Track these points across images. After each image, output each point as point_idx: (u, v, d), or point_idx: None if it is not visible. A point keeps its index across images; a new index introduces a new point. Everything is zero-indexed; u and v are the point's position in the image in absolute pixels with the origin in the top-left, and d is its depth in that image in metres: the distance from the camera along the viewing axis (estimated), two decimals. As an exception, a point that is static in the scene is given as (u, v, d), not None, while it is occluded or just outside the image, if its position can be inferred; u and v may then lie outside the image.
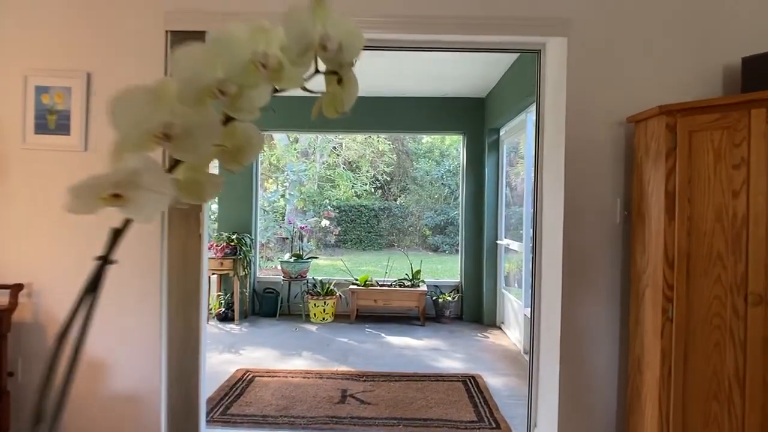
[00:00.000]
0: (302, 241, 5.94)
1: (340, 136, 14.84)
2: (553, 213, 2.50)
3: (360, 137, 15.34)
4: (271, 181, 13.72)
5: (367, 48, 2.53)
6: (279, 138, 14.18)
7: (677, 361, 1.86)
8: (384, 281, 5.94)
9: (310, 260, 5.94)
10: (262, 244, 10.35)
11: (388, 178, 16.54)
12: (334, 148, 14.98)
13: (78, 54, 2.33)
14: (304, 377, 3.75)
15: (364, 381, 3.67)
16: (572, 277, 2.35)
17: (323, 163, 14.66)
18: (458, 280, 6.07)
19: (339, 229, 15.35)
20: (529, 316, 4.47)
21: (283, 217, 14.37)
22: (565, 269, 2.35)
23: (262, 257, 10.74)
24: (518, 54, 4.27)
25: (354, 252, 15.03)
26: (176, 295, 2.27)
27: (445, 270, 11.52)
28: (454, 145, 17.92)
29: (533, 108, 4.43)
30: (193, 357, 2.29)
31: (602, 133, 2.36)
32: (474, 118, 5.84)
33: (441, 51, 2.74)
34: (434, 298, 5.76)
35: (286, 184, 11.32)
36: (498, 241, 5.57)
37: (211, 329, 5.37)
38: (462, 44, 2.65)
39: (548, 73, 2.62)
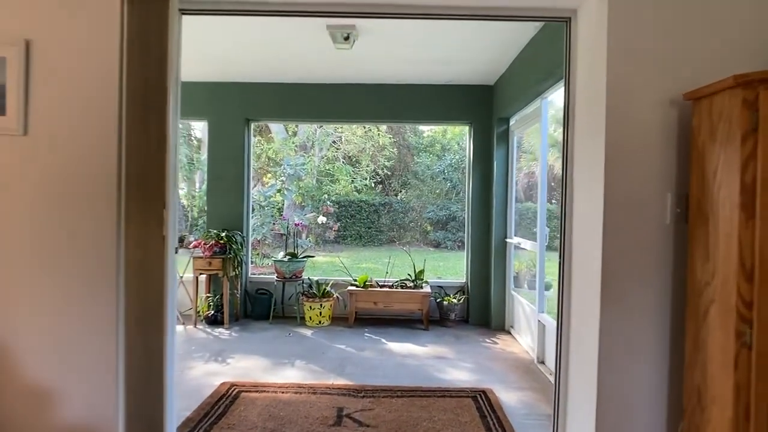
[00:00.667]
0: (298, 239, 5.55)
1: (340, 129, 14.42)
2: (587, 211, 2.10)
3: (360, 131, 14.92)
4: (269, 175, 13.32)
5: (365, 15, 2.10)
6: (276, 131, 13.77)
7: (759, 400, 1.47)
8: (384, 282, 5.56)
9: (305, 259, 5.54)
10: (258, 241, 9.97)
11: (389, 173, 16.12)
12: (334, 142, 14.56)
13: (13, 17, 1.92)
14: (296, 392, 3.36)
15: (363, 397, 3.29)
16: (610, 286, 1.96)
17: (322, 158, 14.25)
18: (464, 280, 5.68)
19: (338, 224, 14.98)
20: (543, 322, 4.11)
21: (281, 212, 14.00)
22: (603, 277, 1.95)
23: (257, 254, 10.34)
24: (533, 34, 3.86)
25: (354, 248, 14.64)
26: (136, 311, 1.88)
27: (447, 267, 11.14)
28: (455, 139, 17.49)
29: (551, 93, 4.07)
30: (156, 384, 1.90)
31: (650, 115, 1.96)
32: (481, 106, 5.43)
33: (450, 18, 2.32)
34: (438, 299, 5.37)
35: (283, 178, 10.90)
36: (507, 239, 5.17)
37: (198, 334, 4.99)
38: (475, 10, 2.24)
39: (580, 45, 2.21)
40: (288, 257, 5.41)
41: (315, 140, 13.66)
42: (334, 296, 5.40)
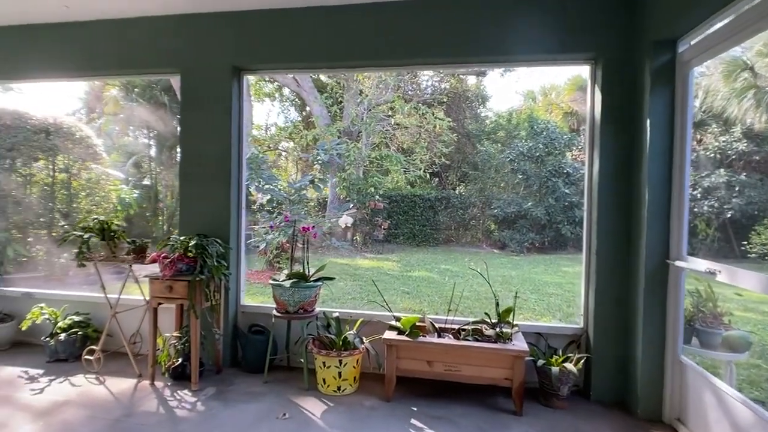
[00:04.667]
0: (304, 251, 3.55)
1: (390, 110, 12.33)
2: None
3: (414, 118, 12.74)
4: (315, 166, 11.47)
5: None
6: (318, 114, 11.93)
7: None
8: (446, 323, 3.43)
9: (319, 283, 3.52)
10: (284, 245, 7.98)
11: (447, 162, 13.82)
12: (383, 127, 12.45)
13: None
14: None
15: None
16: None
17: (370, 145, 12.23)
18: (580, 325, 3.42)
19: (389, 222, 12.95)
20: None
21: (323, 207, 12.19)
22: None
23: (279, 262, 8.00)
24: None
25: (406, 249, 12.54)
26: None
27: (522, 278, 8.76)
28: (522, 125, 14.86)
29: None
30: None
31: None
32: (616, 25, 3.15)
33: None
34: (537, 360, 3.17)
35: (316, 166, 8.96)
36: (674, 261, 2.86)
37: (145, 400, 3.12)
38: None
39: None
40: (291, 281, 3.40)
41: (361, 125, 11.66)
42: (363, 348, 3.34)
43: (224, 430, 2.77)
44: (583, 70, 3.68)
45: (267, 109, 18.51)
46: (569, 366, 3.00)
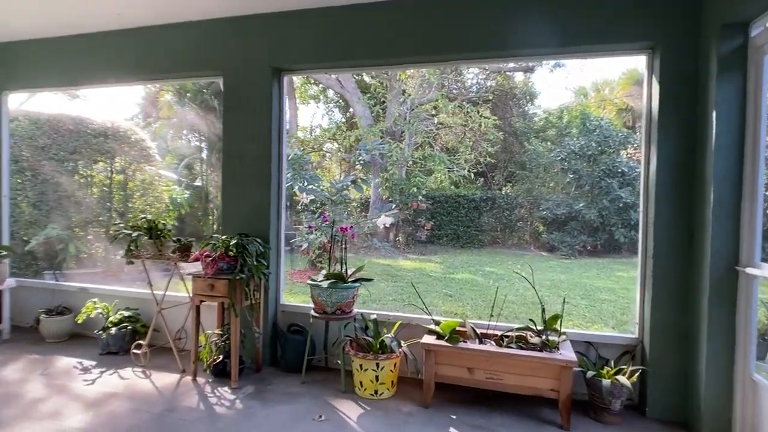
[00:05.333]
0: (342, 251, 3.51)
1: (433, 109, 12.18)
2: None
3: (458, 116, 12.52)
4: (357, 166, 11.52)
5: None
6: (360, 114, 11.97)
7: None
8: (488, 329, 3.28)
9: (357, 284, 3.46)
10: (325, 245, 8.00)
11: (493, 161, 13.46)
12: (427, 127, 12.30)
13: None
14: None
15: None
16: None
17: (413, 145, 12.10)
18: (635, 335, 3.17)
19: (432, 223, 12.77)
20: None
21: (366, 208, 12.19)
22: None
23: (320, 262, 8.05)
24: None
25: (449, 250, 12.31)
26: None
27: (572, 283, 8.36)
28: (574, 122, 14.22)
29: None
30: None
31: None
32: (677, 10, 2.89)
33: None
34: (586, 370, 2.97)
35: (358, 166, 8.95)
36: (744, 268, 2.57)
37: (186, 396, 3.18)
38: None
39: None
40: (329, 281, 3.37)
41: (404, 124, 11.57)
42: (401, 352, 3.25)
43: (261, 430, 2.77)
44: (639, 62, 3.42)
45: (312, 111, 18.84)
46: (622, 379, 2.78)
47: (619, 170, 11.57)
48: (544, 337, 2.99)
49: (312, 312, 3.49)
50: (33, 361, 3.81)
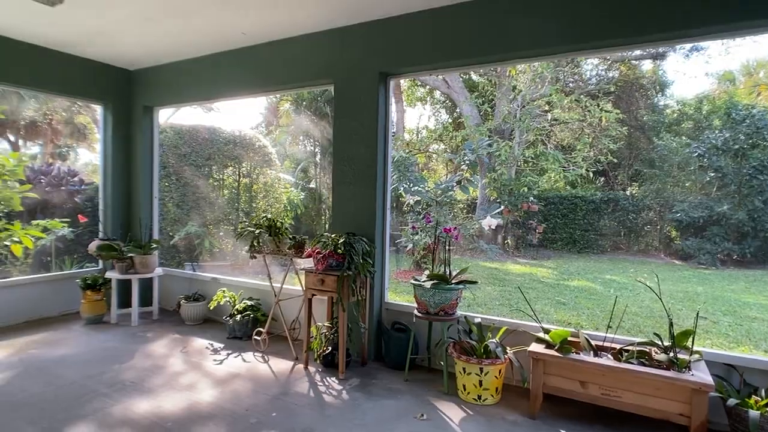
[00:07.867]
0: (446, 253, 3.47)
1: (546, 104, 11.50)
2: None
3: (575, 112, 11.65)
4: (462, 167, 11.42)
5: None
6: (467, 114, 11.78)
7: None
8: (605, 340, 3.00)
9: (461, 286, 3.40)
10: (430, 246, 8.08)
11: (615, 159, 12.31)
12: (539, 124, 11.67)
13: None
14: None
15: None
16: None
17: (524, 143, 11.56)
18: (794, 360, 2.66)
19: (544, 226, 12.06)
20: None
21: (473, 209, 11.95)
22: None
23: (425, 262, 8.25)
24: None
25: (563, 256, 11.51)
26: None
27: (711, 296, 7.28)
28: (717, 112, 12.32)
29: None
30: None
31: None
32: None
33: None
34: (726, 397, 2.56)
35: (463, 166, 8.80)
36: None
37: (298, 382, 3.41)
38: None
39: None
40: (433, 281, 3.37)
41: (514, 122, 11.11)
42: (506, 358, 3.12)
43: (366, 421, 2.86)
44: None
45: (419, 113, 19.00)
46: (776, 411, 2.35)
47: (776, 166, 9.84)
48: (671, 354, 2.65)
49: (415, 311, 3.53)
50: (175, 339, 4.39)
